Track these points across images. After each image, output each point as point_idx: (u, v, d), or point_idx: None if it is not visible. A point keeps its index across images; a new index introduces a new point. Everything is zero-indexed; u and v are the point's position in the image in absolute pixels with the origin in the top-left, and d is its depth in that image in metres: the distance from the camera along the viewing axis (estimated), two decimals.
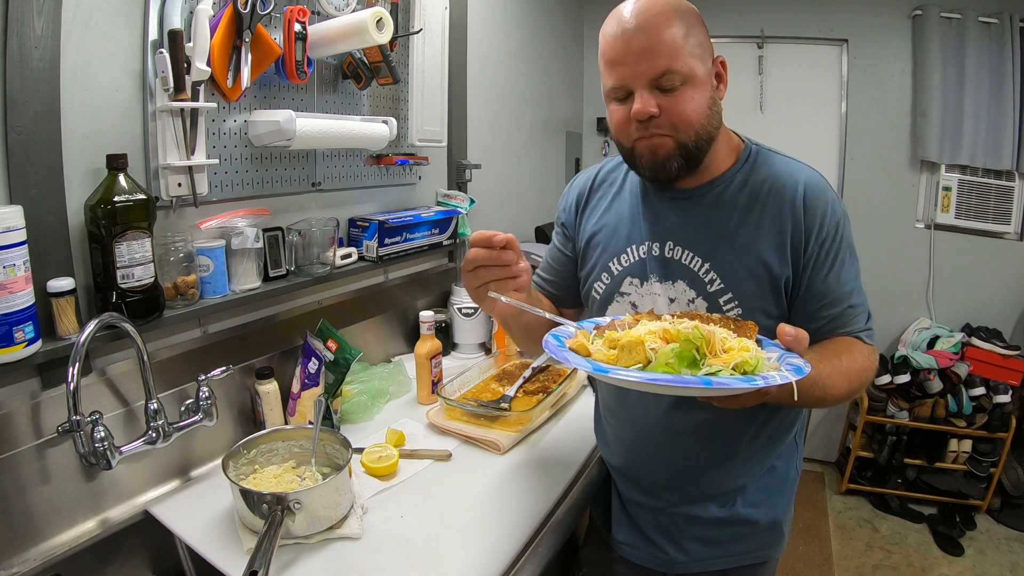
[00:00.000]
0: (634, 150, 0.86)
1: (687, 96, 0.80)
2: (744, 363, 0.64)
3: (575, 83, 2.99)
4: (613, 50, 0.81)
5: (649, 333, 0.68)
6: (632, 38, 0.78)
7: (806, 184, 0.86)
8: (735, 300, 0.87)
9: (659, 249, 0.92)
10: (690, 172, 0.86)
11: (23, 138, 0.86)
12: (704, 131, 0.83)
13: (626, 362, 0.67)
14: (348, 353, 1.24)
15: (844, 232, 0.87)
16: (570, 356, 0.70)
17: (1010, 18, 2.45)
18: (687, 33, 0.79)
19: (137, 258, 0.95)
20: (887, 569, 2.28)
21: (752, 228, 0.87)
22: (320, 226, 1.33)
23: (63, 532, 0.93)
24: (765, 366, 0.66)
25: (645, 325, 0.71)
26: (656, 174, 0.86)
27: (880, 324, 3.09)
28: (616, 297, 0.97)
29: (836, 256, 0.86)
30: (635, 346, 0.66)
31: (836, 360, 0.82)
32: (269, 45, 1.14)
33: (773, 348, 0.73)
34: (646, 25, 0.78)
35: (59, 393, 0.91)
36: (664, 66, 0.78)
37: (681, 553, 1.00)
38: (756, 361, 0.65)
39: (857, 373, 0.83)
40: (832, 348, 0.85)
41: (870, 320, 0.89)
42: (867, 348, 0.87)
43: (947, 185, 2.65)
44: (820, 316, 0.87)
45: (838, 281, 0.86)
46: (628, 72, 0.80)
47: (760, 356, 0.66)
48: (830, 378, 0.79)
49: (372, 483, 1.07)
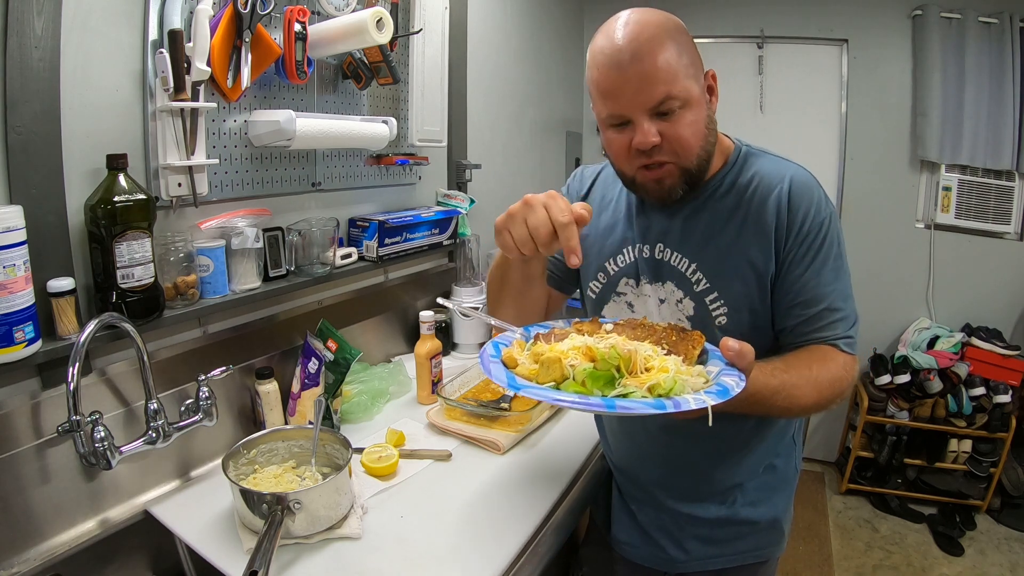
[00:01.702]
0: (636, 180, 0.85)
1: (686, 120, 0.79)
2: (658, 385, 0.62)
3: (575, 83, 2.99)
4: (608, 80, 0.78)
5: (573, 349, 0.67)
6: (627, 67, 0.76)
7: (792, 180, 0.85)
8: (721, 299, 0.87)
9: (650, 251, 0.93)
10: (692, 191, 0.86)
11: (23, 138, 0.86)
12: (704, 151, 0.83)
13: (544, 378, 0.66)
14: (348, 353, 1.24)
15: (829, 233, 0.84)
16: (492, 368, 0.69)
17: (1010, 18, 2.45)
18: (679, 53, 0.77)
19: (137, 258, 0.95)
20: (887, 569, 2.28)
21: (738, 228, 0.86)
22: (320, 226, 1.33)
23: (63, 532, 0.93)
24: (686, 386, 0.63)
25: (573, 340, 0.70)
26: (661, 201, 0.87)
27: (880, 324, 3.06)
28: (612, 297, 0.98)
29: (817, 255, 0.84)
30: (554, 363, 0.65)
31: (805, 370, 0.79)
32: (269, 45, 1.14)
33: (717, 361, 0.70)
34: (640, 52, 0.75)
35: (59, 393, 0.91)
36: (662, 93, 0.76)
37: (681, 552, 1.01)
38: (672, 383, 0.63)
39: (829, 383, 0.80)
40: (804, 357, 0.83)
41: (853, 328, 0.86)
42: (844, 358, 0.84)
43: (947, 185, 2.65)
44: (794, 314, 0.85)
45: (816, 280, 0.84)
46: (625, 103, 0.78)
47: (681, 377, 0.64)
48: (796, 387, 0.77)
49: (372, 483, 1.07)
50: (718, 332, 0.87)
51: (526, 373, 0.68)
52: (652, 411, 0.59)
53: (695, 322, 0.90)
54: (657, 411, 0.59)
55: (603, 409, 0.60)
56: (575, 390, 0.63)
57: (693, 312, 0.90)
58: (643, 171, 0.83)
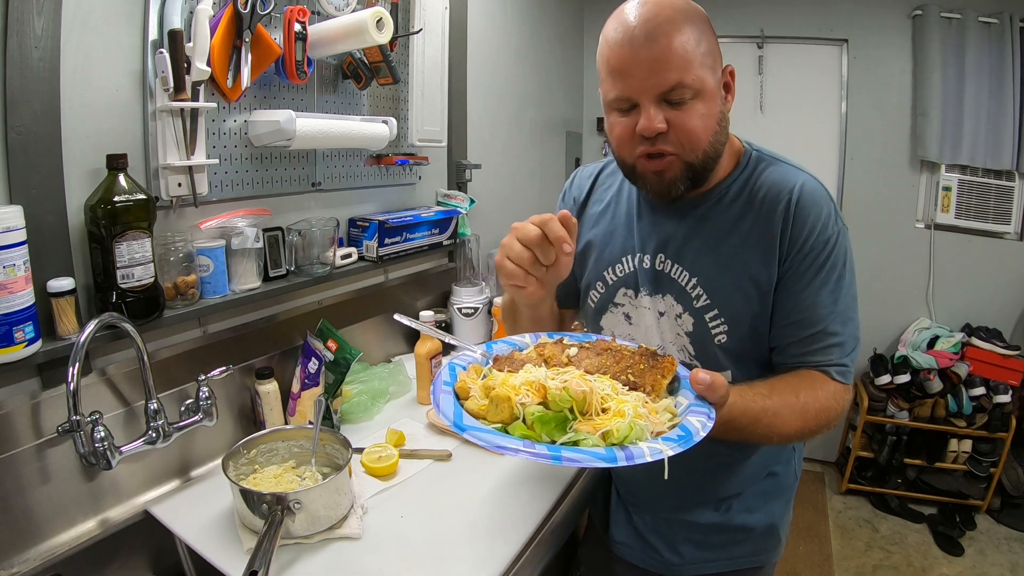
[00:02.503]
0: (636, 168, 0.80)
1: (697, 111, 0.74)
2: (610, 433, 0.57)
3: (575, 83, 2.99)
4: (618, 59, 0.74)
5: (525, 384, 0.62)
6: (640, 47, 0.72)
7: (801, 190, 0.80)
8: (721, 317, 0.83)
9: (650, 261, 0.89)
10: (694, 189, 0.83)
11: (23, 138, 0.86)
12: (712, 148, 0.78)
13: (493, 416, 0.62)
14: (348, 353, 1.24)
15: (835, 252, 0.79)
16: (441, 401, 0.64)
17: (1010, 18, 2.45)
18: (698, 41, 0.73)
19: (137, 258, 0.95)
20: (887, 569, 2.28)
21: (742, 241, 0.82)
22: (320, 226, 1.33)
23: (63, 532, 0.93)
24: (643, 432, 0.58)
25: (527, 371, 0.65)
26: (660, 196, 0.83)
27: (880, 324, 3.04)
28: (610, 307, 0.95)
29: (818, 273, 0.79)
30: (503, 401, 0.61)
31: (792, 396, 0.76)
32: (269, 45, 1.14)
33: (688, 393, 0.65)
34: (655, 33, 0.71)
35: (59, 393, 0.91)
36: (674, 79, 0.72)
37: (675, 556, 1.00)
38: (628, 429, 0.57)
39: (816, 413, 0.76)
40: (792, 381, 0.78)
41: (850, 356, 0.81)
42: (835, 387, 0.79)
43: (947, 185, 2.65)
44: (787, 333, 0.81)
45: (814, 301, 0.79)
46: (634, 85, 0.73)
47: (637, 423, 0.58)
48: (777, 416, 0.73)
49: (372, 483, 1.07)
50: (718, 350, 0.85)
51: (475, 409, 0.63)
52: (601, 464, 0.54)
53: (694, 338, 0.87)
54: (607, 464, 0.54)
55: (548, 461, 0.55)
56: (522, 434, 0.59)
57: (692, 328, 0.86)
58: (644, 160, 0.78)
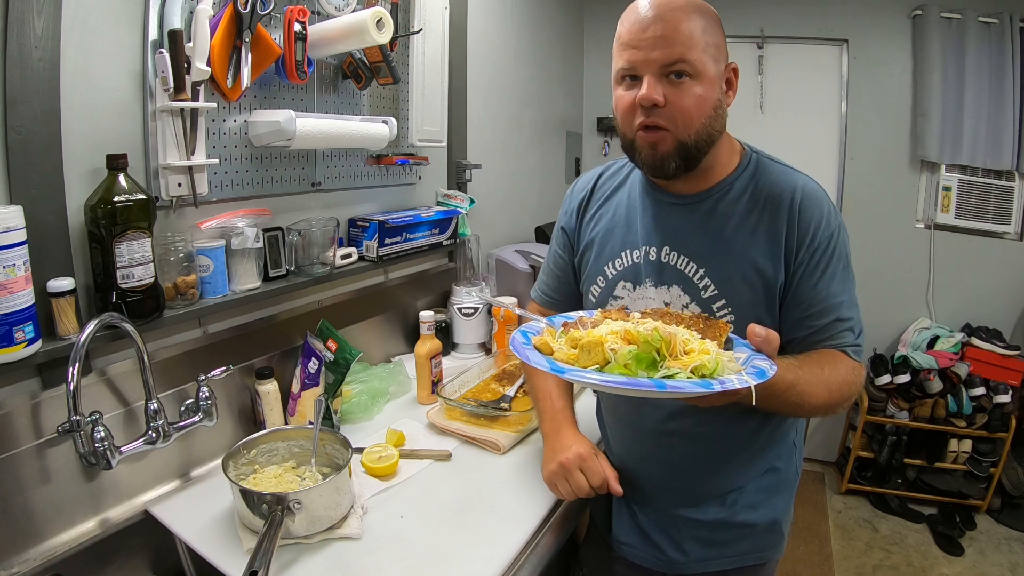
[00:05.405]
0: (635, 143, 0.85)
1: (694, 92, 0.80)
2: (702, 366, 0.63)
3: (575, 83, 2.99)
4: (629, 34, 0.81)
5: (611, 333, 0.67)
6: (650, 24, 0.79)
7: (803, 191, 0.86)
8: (728, 307, 0.87)
9: (655, 253, 0.92)
10: (687, 172, 0.86)
11: (23, 138, 0.86)
12: (705, 132, 0.83)
13: (585, 362, 0.66)
14: (348, 353, 1.24)
15: (838, 245, 0.86)
16: (531, 355, 0.69)
17: (1010, 18, 2.45)
18: (704, 30, 0.80)
19: (137, 258, 0.95)
20: (887, 569, 2.28)
21: (748, 235, 0.87)
22: (320, 226, 1.33)
23: (63, 532, 0.93)
24: (726, 368, 0.65)
25: (609, 325, 0.70)
26: (654, 171, 0.87)
27: (880, 324, 3.05)
28: (609, 301, 0.97)
29: (827, 267, 0.85)
30: (595, 346, 0.66)
31: (818, 369, 0.81)
32: (269, 45, 1.14)
33: (743, 348, 0.72)
34: (666, 15, 0.79)
35: (59, 393, 0.91)
36: (677, 55, 0.78)
37: (680, 553, 1.00)
38: (715, 364, 0.64)
39: (839, 386, 0.82)
40: (815, 358, 0.84)
41: (860, 337, 0.88)
42: (852, 363, 0.86)
43: (947, 185, 2.65)
44: (806, 325, 0.87)
45: (827, 291, 0.85)
46: (640, 56, 0.80)
47: (721, 359, 0.65)
48: (808, 385, 0.78)
49: (372, 483, 1.07)
50: None
51: (564, 358, 0.68)
52: (700, 391, 0.59)
53: None
54: (705, 391, 0.59)
55: (652, 389, 0.60)
56: (620, 372, 0.63)
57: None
58: (642, 133, 0.83)
